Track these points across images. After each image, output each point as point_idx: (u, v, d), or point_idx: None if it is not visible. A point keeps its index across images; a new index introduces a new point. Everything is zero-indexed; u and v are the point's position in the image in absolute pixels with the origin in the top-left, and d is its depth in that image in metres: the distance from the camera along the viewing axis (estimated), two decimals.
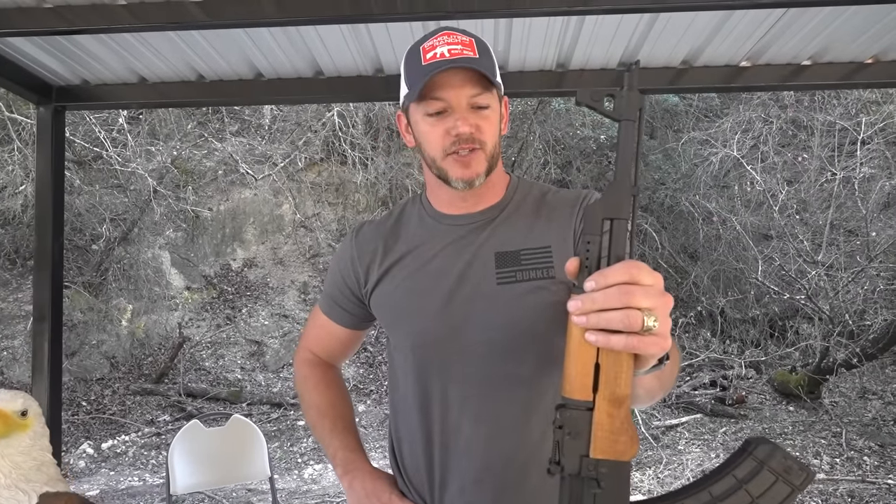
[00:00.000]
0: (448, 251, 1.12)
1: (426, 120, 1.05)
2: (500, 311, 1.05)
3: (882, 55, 2.60)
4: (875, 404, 5.93)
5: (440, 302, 1.09)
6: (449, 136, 1.03)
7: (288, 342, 7.76)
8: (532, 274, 1.05)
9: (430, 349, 1.10)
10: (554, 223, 1.09)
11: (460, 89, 1.02)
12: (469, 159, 1.04)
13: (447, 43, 1.02)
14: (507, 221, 1.12)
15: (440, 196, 1.15)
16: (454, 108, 1.03)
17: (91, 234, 7.45)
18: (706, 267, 7.80)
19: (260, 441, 2.67)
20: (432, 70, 1.00)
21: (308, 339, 1.34)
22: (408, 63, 1.07)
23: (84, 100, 2.83)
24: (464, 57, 1.01)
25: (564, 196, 1.14)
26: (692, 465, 4.79)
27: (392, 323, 1.17)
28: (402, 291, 1.13)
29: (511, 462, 1.07)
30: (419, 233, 1.17)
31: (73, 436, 5.92)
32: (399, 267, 1.15)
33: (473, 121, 1.03)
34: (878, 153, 6.90)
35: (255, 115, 9.03)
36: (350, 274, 1.21)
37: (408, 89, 1.05)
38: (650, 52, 2.55)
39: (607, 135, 8.26)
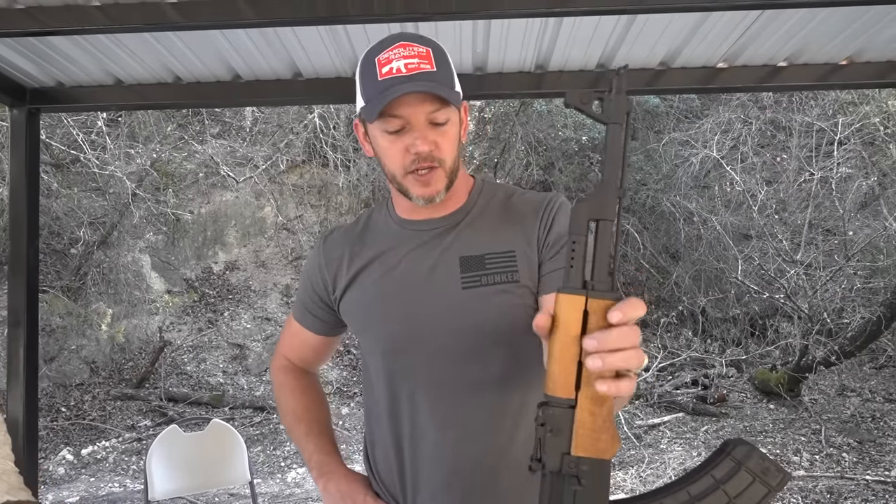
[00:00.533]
0: (413, 256, 1.12)
1: (385, 136, 1.03)
2: (465, 315, 1.05)
3: (856, 56, 2.64)
4: (853, 401, 6.02)
5: (406, 307, 1.09)
6: (408, 154, 1.02)
7: (270, 345, 7.71)
8: (497, 278, 1.06)
9: (397, 354, 1.11)
10: (518, 227, 1.09)
11: (419, 106, 1.00)
12: (429, 178, 1.04)
13: (403, 56, 1.00)
14: (471, 226, 1.12)
15: (402, 203, 1.15)
16: (413, 125, 1.01)
17: (69, 237, 7.36)
18: (687, 267, 7.87)
19: (240, 445, 2.65)
20: (389, 88, 0.98)
21: (283, 347, 1.34)
22: (363, 74, 1.04)
23: (59, 102, 2.79)
24: (421, 72, 0.99)
25: (530, 199, 1.13)
26: (674, 463, 4.83)
27: (361, 329, 1.17)
28: (369, 297, 1.14)
29: (479, 466, 1.07)
30: (385, 238, 1.17)
31: (53, 442, 5.84)
32: (366, 273, 1.15)
33: (432, 137, 1.02)
34: (854, 153, 7.00)
35: (237, 117, 8.97)
36: (318, 281, 1.22)
37: (364, 102, 1.03)
38: (628, 54, 2.56)
39: (589, 136, 8.31)
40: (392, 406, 1.13)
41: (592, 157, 8.62)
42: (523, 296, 1.05)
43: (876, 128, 6.99)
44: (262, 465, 5.51)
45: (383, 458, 1.17)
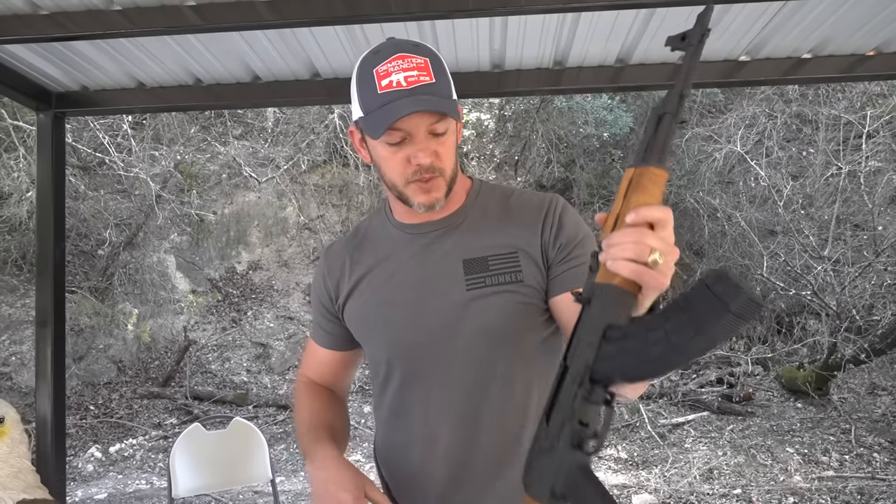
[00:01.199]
0: (414, 261, 1.12)
1: (386, 147, 1.04)
2: (471, 317, 1.06)
3: (884, 47, 2.58)
4: (885, 400, 5.88)
5: (411, 312, 1.09)
6: (410, 165, 1.03)
7: (293, 344, 7.77)
8: (501, 279, 1.06)
9: (404, 359, 1.11)
10: (519, 227, 1.10)
11: (420, 119, 1.00)
12: (430, 186, 1.05)
13: (402, 69, 0.99)
14: (471, 227, 1.12)
15: (401, 208, 1.15)
16: (413, 137, 1.02)
17: (96, 239, 7.49)
18: (711, 263, 7.76)
19: (261, 443, 2.67)
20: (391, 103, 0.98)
21: (303, 367, 1.33)
22: (361, 85, 1.03)
23: (83, 106, 2.84)
24: (421, 84, 0.99)
25: (529, 199, 1.15)
26: (699, 463, 4.77)
27: (365, 337, 1.17)
28: (372, 305, 1.14)
29: (491, 461, 1.09)
30: (384, 245, 1.17)
31: (82, 440, 5.95)
32: (367, 280, 1.16)
33: (433, 148, 1.03)
34: (884, 146, 6.84)
35: (258, 118, 9.05)
36: (323, 293, 1.22)
37: (363, 113, 1.03)
38: (648, 49, 2.54)
39: (610, 133, 8.23)
40: (402, 409, 1.13)
41: (614, 153, 8.55)
42: (528, 295, 1.06)
43: None
44: (286, 463, 5.56)
45: (395, 461, 1.17)
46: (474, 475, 1.09)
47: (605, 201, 8.43)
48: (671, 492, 4.31)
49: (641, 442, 5.36)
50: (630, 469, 4.85)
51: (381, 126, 0.98)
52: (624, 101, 8.52)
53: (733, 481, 4.51)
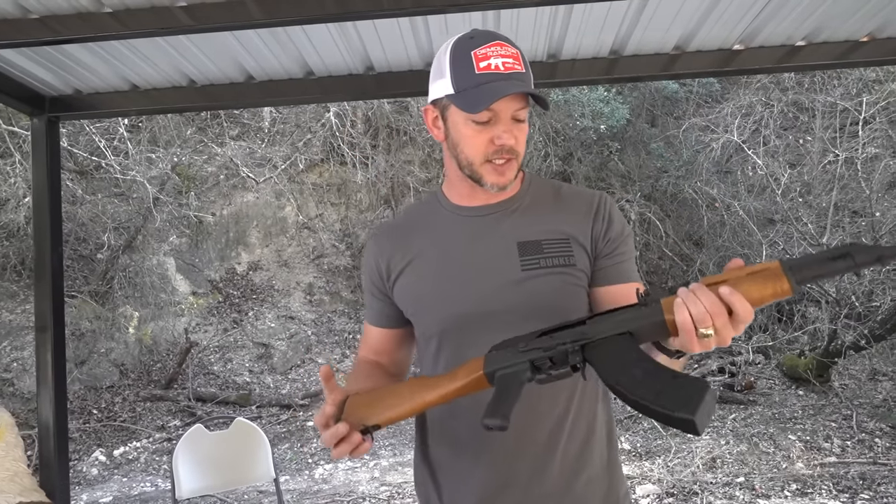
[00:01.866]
0: (469, 240, 1.18)
1: (470, 125, 1.10)
2: (527, 295, 1.12)
3: (878, 32, 2.57)
4: (885, 385, 5.89)
5: (468, 289, 1.15)
6: (493, 144, 1.10)
7: (295, 343, 7.78)
8: (554, 261, 1.13)
9: (459, 334, 1.15)
10: (572, 216, 1.18)
11: (509, 103, 1.08)
12: (504, 168, 1.12)
13: (500, 55, 1.07)
14: (525, 213, 1.19)
15: (461, 189, 1.21)
16: (500, 119, 1.09)
17: (95, 243, 7.49)
18: (711, 253, 7.76)
19: (264, 443, 2.67)
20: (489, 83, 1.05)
21: (360, 348, 1.37)
22: (457, 64, 1.09)
23: (77, 109, 2.84)
24: (516, 72, 1.07)
25: (580, 193, 1.23)
26: (702, 452, 4.78)
27: (418, 311, 1.21)
28: (427, 281, 1.19)
29: (542, 434, 1.13)
30: (438, 226, 1.22)
31: (86, 444, 5.96)
32: (421, 259, 1.20)
33: (515, 132, 1.11)
34: (881, 132, 6.84)
35: (255, 118, 9.04)
36: (375, 272, 1.26)
37: (455, 91, 1.09)
38: (641, 39, 2.53)
39: (608, 125, 8.23)
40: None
41: (611, 146, 8.54)
42: (579, 278, 1.14)
43: None
44: (290, 463, 5.57)
45: (441, 436, 1.20)
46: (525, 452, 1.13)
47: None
48: (675, 482, 4.32)
49: (644, 433, 5.37)
50: (633, 460, 4.86)
51: (481, 102, 1.05)
52: (620, 92, 8.51)
53: (736, 469, 4.52)
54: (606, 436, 1.21)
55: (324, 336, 8.05)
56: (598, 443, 1.18)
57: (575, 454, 1.15)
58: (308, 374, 7.43)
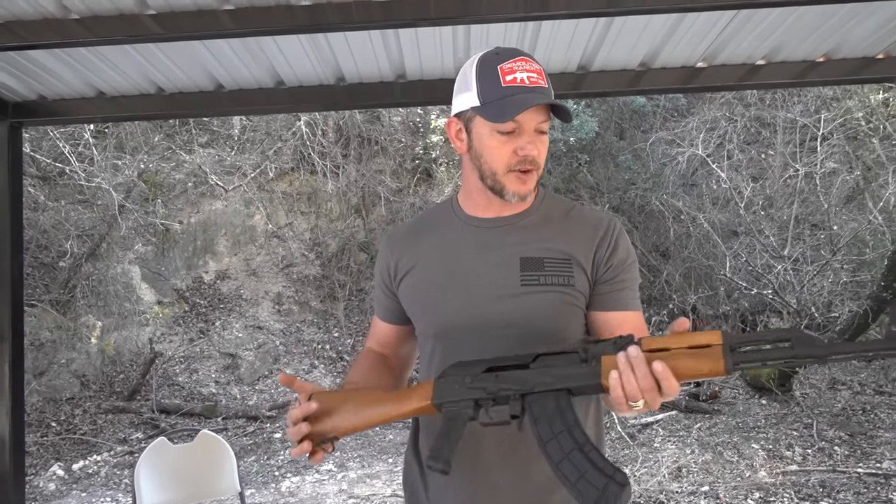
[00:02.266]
0: (475, 250, 1.22)
1: (495, 136, 1.15)
2: (521, 309, 1.15)
3: (832, 53, 2.68)
4: (844, 395, 6.06)
5: (466, 296, 1.18)
6: (516, 155, 1.14)
7: (263, 354, 7.68)
8: (554, 280, 1.17)
9: (453, 339, 1.18)
10: (576, 237, 1.21)
11: (534, 115, 1.13)
12: (526, 178, 1.17)
13: (526, 70, 1.13)
14: (533, 229, 1.23)
15: (477, 200, 1.25)
16: (523, 130, 1.14)
17: (57, 250, 7.31)
18: (677, 265, 7.90)
19: (229, 456, 2.64)
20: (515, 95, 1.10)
21: (367, 340, 1.42)
22: (483, 77, 1.14)
23: (41, 115, 2.79)
24: (540, 86, 1.13)
25: (590, 215, 1.26)
26: (668, 462, 4.84)
27: (417, 312, 1.26)
28: (430, 284, 1.23)
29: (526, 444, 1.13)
30: (448, 233, 1.27)
31: (43, 458, 5.79)
32: (427, 261, 1.24)
33: (538, 144, 1.16)
34: (838, 148, 7.06)
35: (224, 125, 8.94)
36: (385, 269, 1.31)
37: (481, 103, 1.14)
38: (608, 55, 2.59)
39: (577, 137, 8.34)
40: None
41: (580, 157, 8.66)
42: (577, 298, 1.18)
43: (858, 122, 7.05)
44: (257, 475, 5.49)
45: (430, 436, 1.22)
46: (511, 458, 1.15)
47: None
48: (641, 491, 4.37)
49: (612, 443, 5.42)
50: None
51: (508, 113, 1.10)
52: (589, 105, 8.63)
53: (701, 479, 4.59)
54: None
55: (292, 346, 7.97)
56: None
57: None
58: (276, 384, 7.33)
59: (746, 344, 0.89)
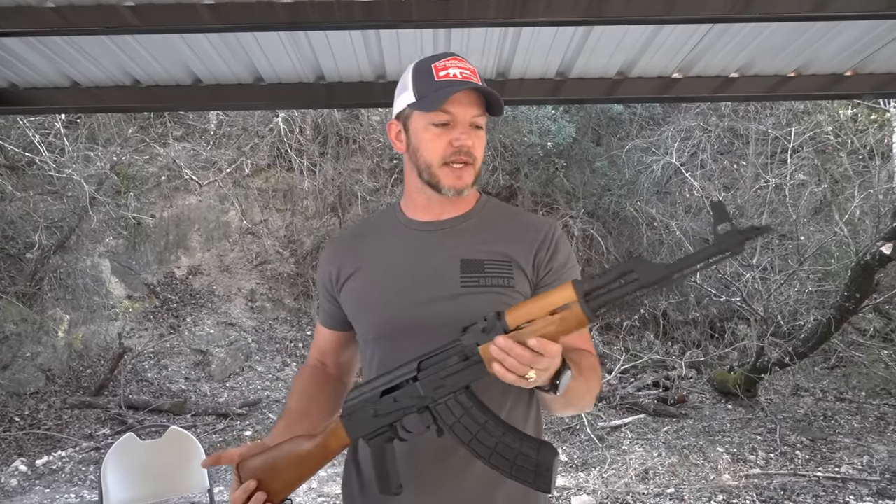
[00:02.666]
0: (415, 253, 1.24)
1: (430, 129, 1.18)
2: (461, 311, 1.14)
3: (803, 69, 2.75)
4: (807, 401, 6.20)
5: (405, 298, 1.19)
6: (451, 146, 1.17)
7: (234, 351, 7.61)
8: (494, 282, 1.18)
9: (392, 340, 1.19)
10: (517, 241, 1.23)
11: (467, 108, 1.16)
12: (462, 172, 1.19)
13: (458, 67, 1.18)
14: (473, 232, 1.25)
15: (417, 201, 1.27)
16: (459, 122, 1.17)
17: (25, 242, 7.15)
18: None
19: (198, 452, 2.62)
20: (447, 87, 1.14)
21: (311, 349, 1.43)
22: (418, 76, 1.19)
23: (13, 104, 2.74)
24: (472, 82, 1.16)
25: (531, 221, 1.29)
26: (635, 464, 4.91)
27: (357, 315, 1.26)
28: (370, 287, 1.24)
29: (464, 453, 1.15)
30: (390, 237, 1.28)
31: (5, 453, 5.67)
32: (368, 266, 1.25)
33: (473, 137, 1.18)
34: (808, 161, 7.23)
35: (200, 119, 8.84)
36: (327, 276, 1.32)
37: (417, 98, 1.18)
38: (586, 64, 2.63)
39: (554, 142, 8.41)
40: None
41: (557, 162, 8.73)
42: (516, 300, 1.16)
43: (828, 136, 7.23)
44: (226, 472, 5.44)
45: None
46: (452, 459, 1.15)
47: (549, 209, 8.59)
48: (608, 492, 4.43)
49: (581, 444, 5.48)
50: (570, 471, 4.96)
51: (438, 101, 1.13)
52: (567, 111, 8.72)
53: (667, 481, 4.67)
54: None
55: (265, 344, 7.91)
56: None
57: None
58: (247, 382, 7.27)
59: (599, 289, 0.92)
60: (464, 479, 1.17)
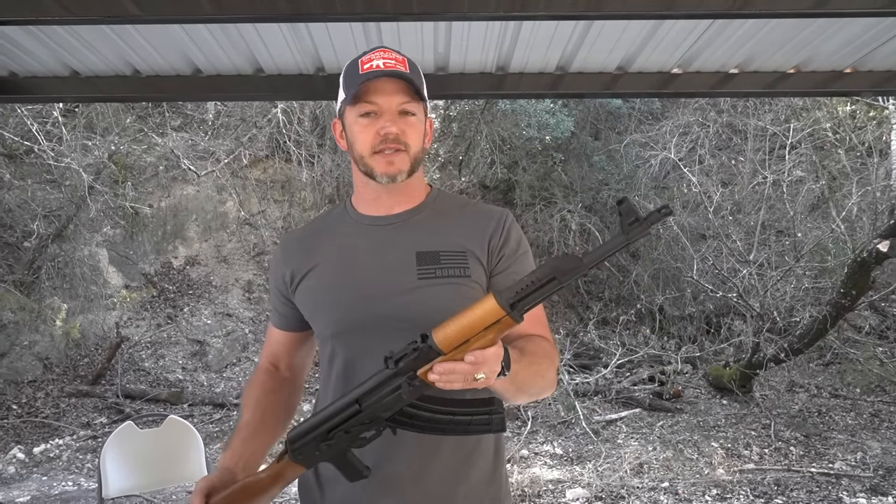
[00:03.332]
0: (370, 248, 1.22)
1: (358, 121, 1.19)
2: (420, 301, 1.16)
3: (803, 66, 2.76)
4: (801, 397, 6.24)
5: (362, 293, 1.19)
6: (378, 135, 1.17)
7: (231, 341, 7.62)
8: (450, 272, 1.18)
9: (351, 337, 1.19)
10: (470, 231, 1.23)
11: (391, 96, 1.17)
12: (393, 158, 1.18)
13: (383, 57, 1.18)
14: (426, 225, 1.25)
15: (365, 196, 1.27)
16: (384, 111, 1.18)
17: (23, 230, 7.14)
18: (647, 265, 8.03)
19: (196, 441, 2.63)
20: (367, 76, 1.15)
21: (262, 351, 1.41)
22: (347, 74, 1.21)
23: (12, 93, 2.74)
24: (396, 70, 1.17)
25: (483, 210, 1.29)
26: (630, 458, 4.94)
27: (314, 314, 1.25)
28: (324, 285, 1.23)
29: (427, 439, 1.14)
30: (342, 234, 1.27)
31: (3, 440, 5.68)
32: (322, 264, 1.24)
33: (401, 125, 1.18)
34: (806, 157, 7.24)
35: (199, 109, 8.81)
36: (279, 276, 1.30)
37: (345, 94, 1.20)
38: (586, 58, 2.63)
39: (553, 136, 8.41)
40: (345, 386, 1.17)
41: (555, 156, 8.73)
42: (473, 289, 1.19)
43: (826, 133, 7.24)
44: None
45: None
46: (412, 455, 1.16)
47: (546, 203, 8.60)
48: (603, 486, 4.46)
49: (577, 438, 5.51)
50: (565, 464, 4.99)
51: (354, 90, 1.15)
52: (566, 105, 8.71)
53: (662, 475, 4.70)
54: (493, 451, 1.23)
55: (261, 335, 7.91)
56: (483, 457, 1.21)
57: (455, 465, 1.18)
58: (244, 372, 7.29)
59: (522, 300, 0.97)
60: (426, 475, 1.17)
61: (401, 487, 1.16)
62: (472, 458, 1.20)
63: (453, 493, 1.18)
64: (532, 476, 4.72)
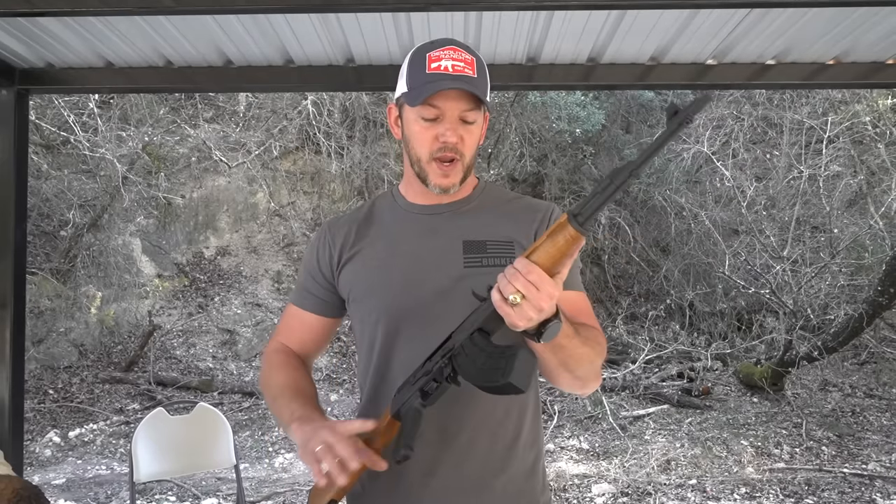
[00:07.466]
0: (417, 236, 1.25)
1: (419, 122, 1.17)
2: (464, 291, 1.12)
3: (843, 57, 2.67)
4: (835, 396, 6.10)
5: (409, 279, 1.20)
6: (437, 141, 1.17)
7: (261, 331, 7.72)
8: (496, 261, 1.18)
9: (397, 321, 1.19)
10: (518, 224, 1.24)
11: (455, 102, 1.15)
12: (449, 170, 1.18)
13: (452, 58, 1.15)
14: (473, 215, 1.26)
15: (415, 187, 1.27)
16: (446, 117, 1.16)
17: (59, 219, 7.32)
18: (677, 261, 7.92)
19: (226, 429, 2.67)
20: (435, 82, 1.13)
21: (279, 333, 1.38)
22: (412, 65, 1.18)
23: (48, 83, 2.79)
24: (464, 75, 1.14)
25: (530, 203, 1.31)
26: (657, 454, 4.89)
27: (359, 297, 1.25)
28: (372, 269, 1.24)
29: (469, 425, 1.17)
30: (391, 220, 1.28)
31: (40, 424, 5.85)
32: (370, 249, 1.25)
33: (461, 132, 1.17)
34: (843, 152, 7.05)
35: (230, 101, 8.92)
36: (325, 256, 1.30)
37: (408, 89, 1.17)
38: (618, 49, 2.58)
39: (583, 129, 8.33)
40: (387, 370, 1.19)
41: (585, 149, 8.65)
42: None
43: (865, 127, 7.04)
44: (250, 450, 5.55)
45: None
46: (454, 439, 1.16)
47: (576, 196, 8.52)
48: (629, 482, 4.42)
49: (603, 433, 5.47)
50: (591, 459, 4.96)
51: (422, 95, 1.13)
52: (597, 97, 8.61)
53: (689, 472, 4.65)
54: (531, 445, 1.24)
55: None
56: (523, 450, 1.21)
57: (497, 456, 1.18)
58: None
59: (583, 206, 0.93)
60: (466, 463, 1.17)
61: (442, 473, 1.17)
62: (512, 449, 1.20)
63: (491, 483, 1.18)
64: (558, 470, 4.71)
